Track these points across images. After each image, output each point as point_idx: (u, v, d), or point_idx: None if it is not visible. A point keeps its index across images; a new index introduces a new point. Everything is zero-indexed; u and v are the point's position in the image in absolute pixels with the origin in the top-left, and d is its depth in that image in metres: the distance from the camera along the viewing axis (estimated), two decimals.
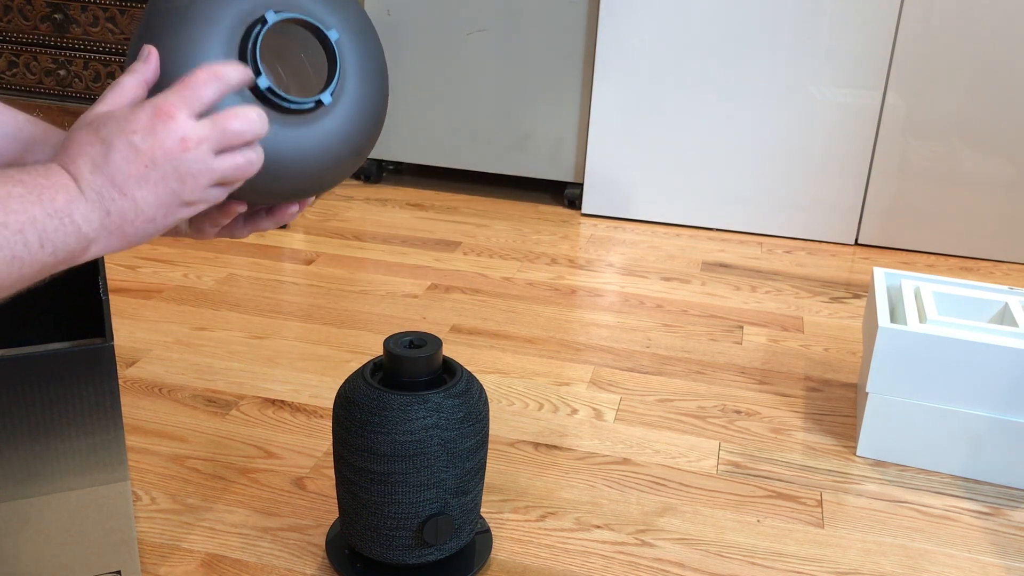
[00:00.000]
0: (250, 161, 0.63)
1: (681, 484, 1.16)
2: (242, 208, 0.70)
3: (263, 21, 0.67)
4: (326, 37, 0.70)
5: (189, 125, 0.60)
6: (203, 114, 0.62)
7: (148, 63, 0.64)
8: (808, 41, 1.98)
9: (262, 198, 0.71)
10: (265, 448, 1.19)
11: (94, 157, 0.59)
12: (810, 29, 1.97)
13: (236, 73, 0.63)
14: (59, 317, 0.99)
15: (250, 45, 0.67)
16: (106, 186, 0.58)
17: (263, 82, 0.66)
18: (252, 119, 0.62)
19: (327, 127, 0.70)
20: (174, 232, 0.70)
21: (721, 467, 1.20)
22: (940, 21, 1.91)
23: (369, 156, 2.35)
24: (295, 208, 0.71)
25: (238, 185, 0.65)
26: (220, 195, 0.64)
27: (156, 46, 0.66)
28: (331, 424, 1.13)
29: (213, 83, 0.62)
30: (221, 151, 0.62)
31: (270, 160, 0.67)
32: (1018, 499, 1.17)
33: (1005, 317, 1.27)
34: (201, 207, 0.63)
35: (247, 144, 0.63)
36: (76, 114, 2.43)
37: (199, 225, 0.71)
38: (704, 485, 1.16)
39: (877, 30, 1.94)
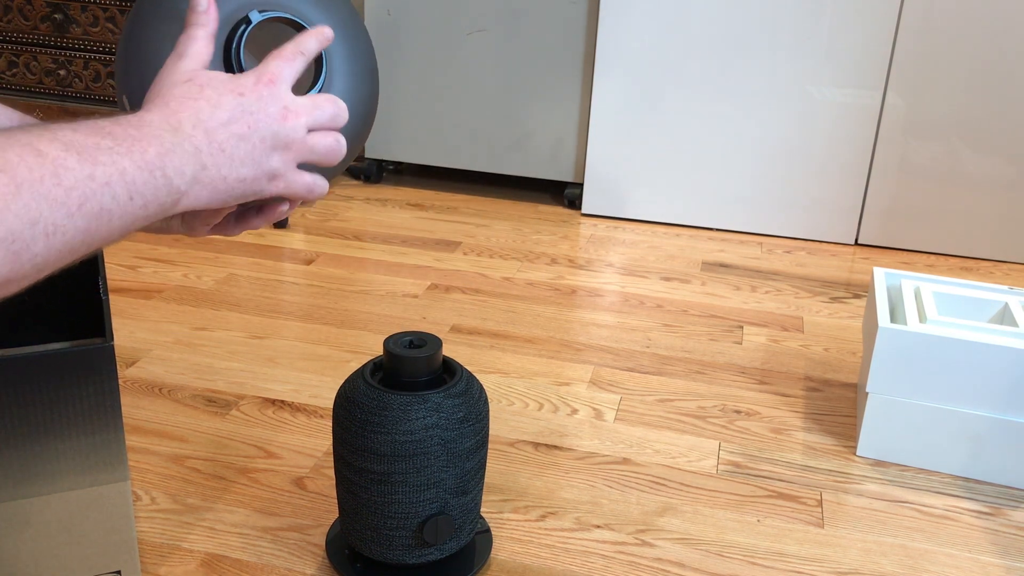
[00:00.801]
0: (339, 143, 0.65)
1: (681, 484, 1.16)
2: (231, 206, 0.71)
3: (247, 21, 0.67)
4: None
5: (290, 97, 0.63)
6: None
7: (209, 13, 0.65)
8: (808, 41, 1.98)
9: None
10: (265, 448, 1.19)
11: (198, 112, 0.59)
12: (810, 29, 1.97)
13: (313, 43, 0.65)
14: (59, 317, 0.99)
15: (234, 45, 0.67)
16: (205, 141, 0.59)
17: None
18: (343, 107, 0.65)
19: None
20: (166, 228, 0.70)
21: (721, 467, 1.20)
22: (940, 21, 1.91)
23: (369, 156, 2.35)
24: (285, 206, 0.72)
25: (322, 185, 0.67)
26: (302, 182, 0.65)
27: (143, 42, 0.66)
28: (331, 424, 1.13)
29: (299, 58, 0.64)
30: (312, 130, 0.64)
31: None
32: (1018, 499, 1.17)
33: (1005, 317, 1.27)
34: (282, 187, 0.64)
35: (335, 130, 0.65)
36: (76, 114, 2.43)
37: (191, 223, 0.71)
38: (704, 485, 1.16)
39: (877, 30, 1.94)
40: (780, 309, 1.72)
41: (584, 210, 2.20)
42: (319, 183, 0.67)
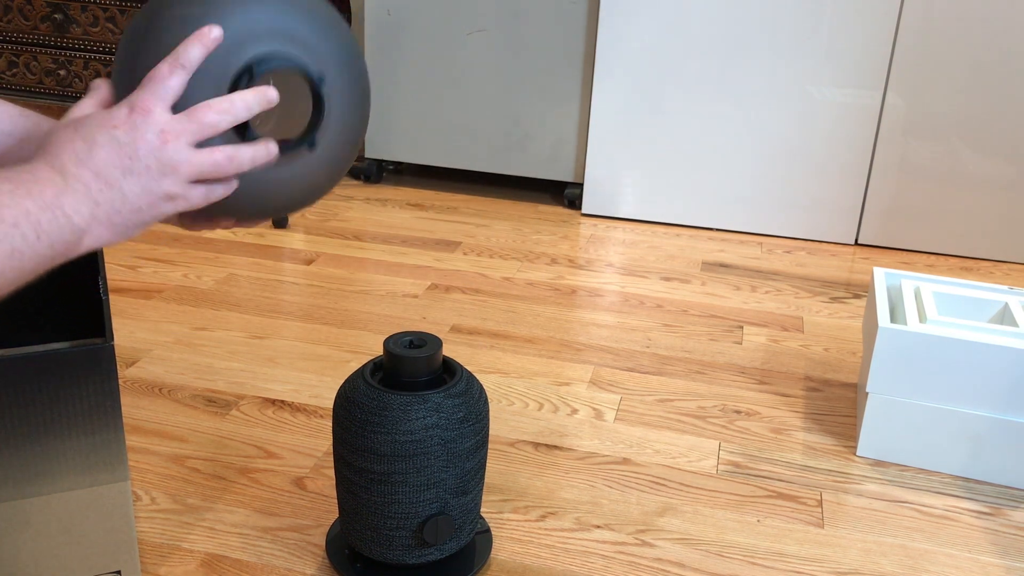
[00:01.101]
0: (229, 157, 0.64)
1: (681, 484, 1.16)
2: (230, 224, 0.72)
3: (249, 73, 0.66)
4: (313, 81, 0.69)
5: (165, 118, 0.62)
6: (178, 105, 0.63)
7: (101, 90, 0.66)
8: (808, 41, 1.98)
9: (248, 220, 0.72)
10: (265, 448, 1.19)
11: (78, 152, 0.60)
12: (810, 29, 1.97)
13: (195, 52, 0.63)
14: (59, 317, 0.99)
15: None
16: (92, 178, 0.60)
17: (252, 133, 0.66)
18: (225, 108, 0.63)
19: (312, 161, 0.71)
20: (165, 220, 0.70)
21: (721, 467, 1.20)
22: (940, 21, 1.91)
23: (369, 156, 2.35)
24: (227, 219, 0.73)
25: (220, 191, 0.66)
26: (201, 195, 0.65)
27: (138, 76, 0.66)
28: (331, 424, 1.13)
29: (178, 72, 0.63)
30: (199, 145, 0.63)
31: (257, 190, 0.68)
32: (1018, 499, 1.17)
33: (1005, 317, 1.27)
34: (182, 204, 0.64)
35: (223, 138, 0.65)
36: None
37: (185, 221, 0.72)
38: (704, 485, 1.16)
39: (877, 30, 1.94)
40: (780, 309, 1.72)
41: (584, 210, 2.20)
42: (214, 191, 0.66)
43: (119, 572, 0.87)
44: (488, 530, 1.03)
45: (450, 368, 0.93)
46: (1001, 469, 1.19)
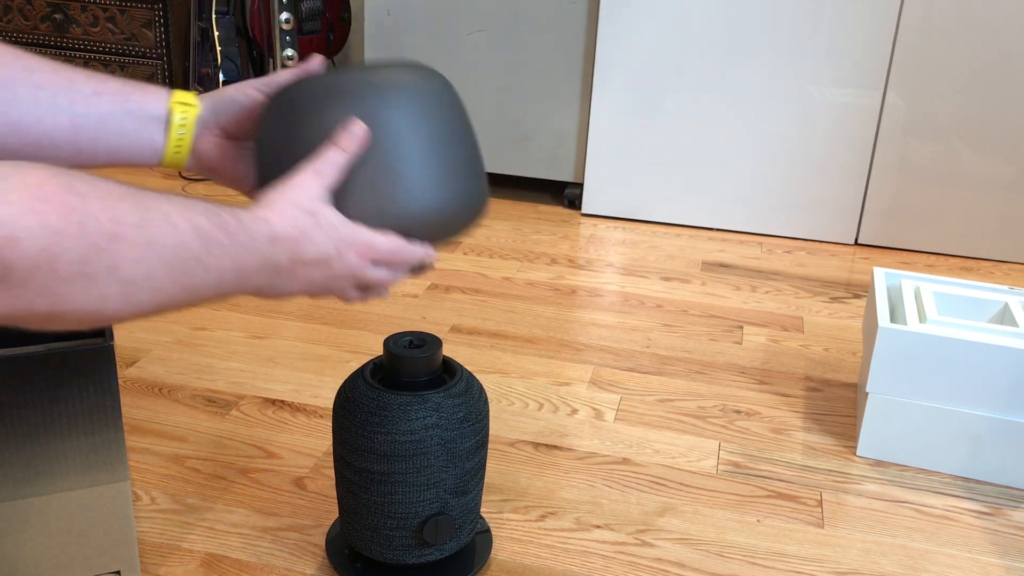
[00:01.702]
0: (393, 279, 0.77)
1: (681, 484, 1.16)
2: None
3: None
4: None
5: (369, 271, 0.74)
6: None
7: (360, 141, 0.73)
8: (808, 41, 1.98)
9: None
10: (265, 448, 1.19)
11: (298, 244, 0.69)
12: (810, 29, 1.97)
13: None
14: None
15: None
16: (287, 267, 0.69)
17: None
18: (406, 262, 0.76)
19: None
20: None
21: (721, 467, 1.20)
22: (940, 21, 1.91)
23: None
24: None
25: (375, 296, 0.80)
26: (358, 299, 0.77)
27: (289, 140, 0.75)
28: (331, 424, 1.13)
29: (411, 255, 0.76)
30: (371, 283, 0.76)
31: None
32: (1018, 499, 1.17)
33: (1005, 317, 1.27)
34: (325, 294, 0.76)
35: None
36: None
37: None
38: (704, 485, 1.16)
39: (877, 30, 1.94)
40: (780, 309, 1.72)
41: (584, 210, 2.20)
42: (370, 296, 0.78)
43: (119, 572, 0.87)
44: (488, 530, 1.03)
45: (450, 368, 0.93)
46: (1001, 469, 1.19)
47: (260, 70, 2.37)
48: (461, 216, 0.80)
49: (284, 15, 2.08)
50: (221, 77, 2.15)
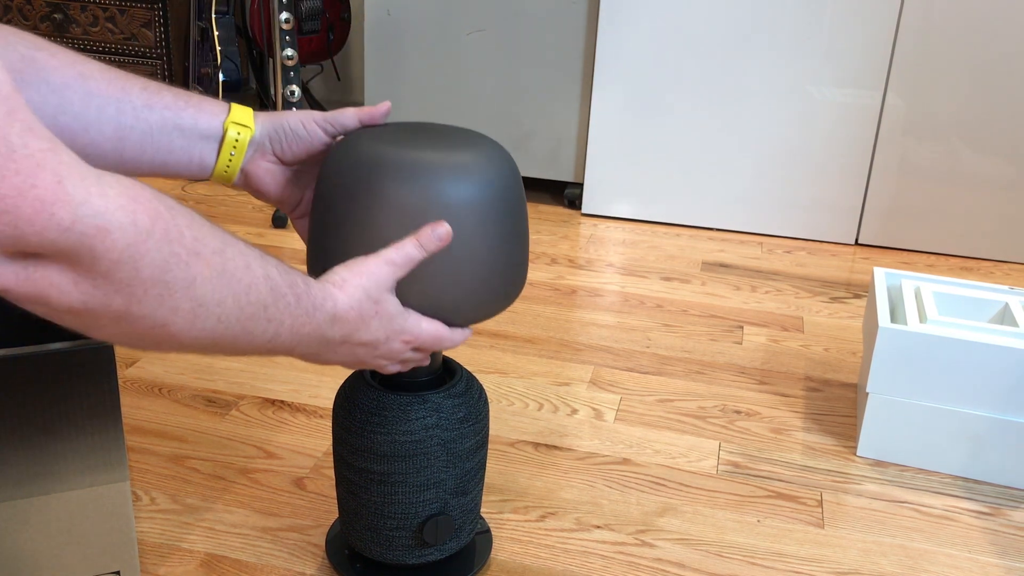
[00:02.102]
0: (422, 359, 0.83)
1: (681, 484, 1.16)
2: None
3: None
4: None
5: (409, 354, 0.80)
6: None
7: (442, 241, 0.76)
8: (808, 41, 1.98)
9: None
10: (265, 448, 1.19)
11: (356, 329, 0.73)
12: (810, 29, 1.97)
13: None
14: None
15: None
16: (338, 342, 0.72)
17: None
18: (438, 345, 0.81)
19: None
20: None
21: (721, 467, 1.20)
22: (940, 21, 1.91)
23: None
24: None
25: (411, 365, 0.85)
26: (395, 369, 0.81)
27: (362, 226, 0.77)
28: (331, 424, 1.13)
29: (450, 342, 0.81)
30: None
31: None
32: (1018, 499, 1.17)
33: (1005, 317, 1.27)
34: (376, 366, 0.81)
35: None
36: None
37: None
38: (704, 485, 1.16)
39: (877, 30, 1.94)
40: (780, 309, 1.72)
41: (584, 210, 2.20)
42: (407, 366, 0.83)
43: (118, 572, 0.87)
44: (488, 530, 1.03)
45: (450, 368, 0.93)
46: (1001, 469, 1.19)
47: (260, 70, 2.37)
48: (505, 303, 0.84)
49: (284, 15, 2.08)
50: (221, 77, 2.15)
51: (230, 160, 0.79)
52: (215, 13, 2.15)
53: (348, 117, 0.82)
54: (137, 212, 0.52)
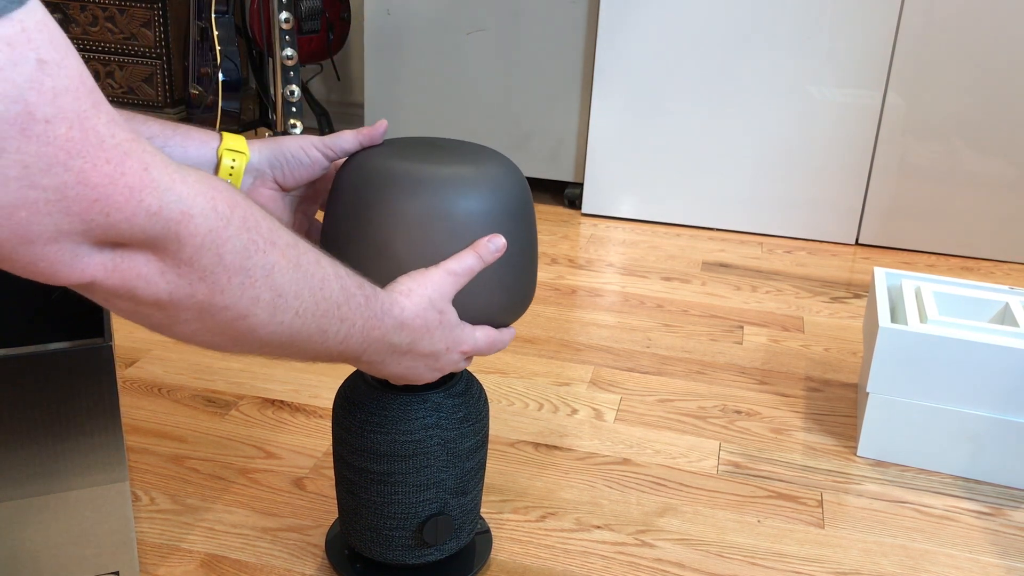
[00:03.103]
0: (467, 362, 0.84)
1: (681, 484, 1.16)
2: None
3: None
4: None
5: (463, 363, 0.81)
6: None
7: (498, 252, 0.79)
8: (808, 41, 1.98)
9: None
10: (265, 448, 1.19)
11: (419, 339, 0.74)
12: (810, 29, 1.97)
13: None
14: (59, 317, 0.99)
15: None
16: (404, 350, 0.74)
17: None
18: (490, 350, 0.83)
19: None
20: None
21: (721, 467, 1.20)
22: (941, 21, 1.91)
23: None
24: None
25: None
26: (438, 375, 0.81)
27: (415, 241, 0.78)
28: (331, 424, 1.13)
29: (503, 343, 0.83)
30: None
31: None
32: (1018, 499, 1.17)
33: (1006, 317, 1.27)
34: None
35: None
36: None
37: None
38: (704, 485, 1.16)
39: (877, 30, 1.94)
40: (780, 309, 1.71)
41: (584, 210, 2.20)
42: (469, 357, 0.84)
43: (118, 572, 0.87)
44: (488, 530, 1.03)
45: None
46: (1001, 469, 1.19)
47: (260, 70, 2.36)
48: (521, 309, 0.87)
49: (284, 14, 2.08)
50: (220, 76, 2.15)
51: None
52: (215, 13, 2.15)
53: (347, 140, 0.83)
54: (217, 199, 0.53)
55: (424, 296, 0.74)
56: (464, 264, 0.76)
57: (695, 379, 1.43)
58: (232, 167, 0.79)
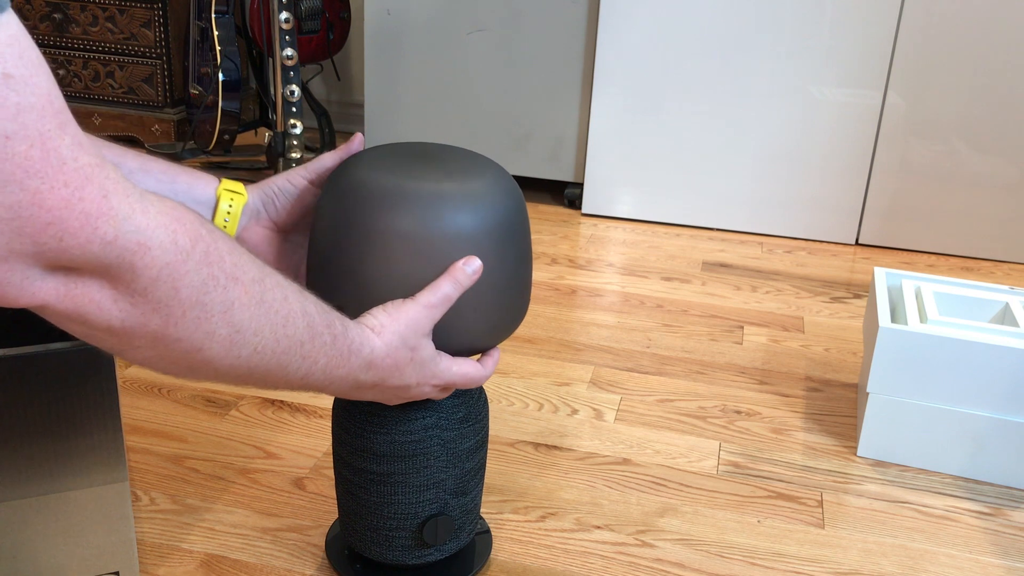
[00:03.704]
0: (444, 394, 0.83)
1: (681, 484, 1.16)
2: None
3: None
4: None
5: (442, 397, 0.83)
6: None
7: (473, 278, 0.77)
8: (809, 41, 1.98)
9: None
10: (265, 448, 1.19)
11: (389, 377, 0.73)
12: (811, 29, 1.97)
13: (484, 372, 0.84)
14: None
15: None
16: (368, 386, 0.73)
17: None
18: (470, 383, 0.82)
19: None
20: None
21: (721, 467, 1.20)
22: (941, 21, 1.91)
23: None
24: None
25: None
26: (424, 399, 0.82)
27: (383, 267, 0.76)
28: (331, 424, 1.13)
29: (481, 380, 0.82)
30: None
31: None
32: (1019, 499, 1.17)
33: (1006, 317, 1.27)
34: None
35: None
36: (76, 113, 2.42)
37: None
38: (704, 485, 1.16)
39: (878, 30, 1.94)
40: (780, 309, 1.71)
41: (584, 210, 2.20)
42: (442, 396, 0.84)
43: (118, 573, 0.87)
44: (488, 531, 1.03)
45: None
46: (1002, 469, 1.19)
47: (260, 70, 2.36)
48: (513, 327, 0.84)
49: (284, 14, 2.08)
50: (220, 76, 2.15)
51: (224, 228, 0.79)
52: (215, 13, 2.15)
53: (327, 160, 0.83)
54: (178, 232, 0.52)
55: (396, 333, 0.72)
56: (440, 294, 0.74)
57: (695, 379, 1.43)
58: (230, 206, 0.79)
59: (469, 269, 0.75)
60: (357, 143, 0.83)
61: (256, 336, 0.59)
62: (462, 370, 0.79)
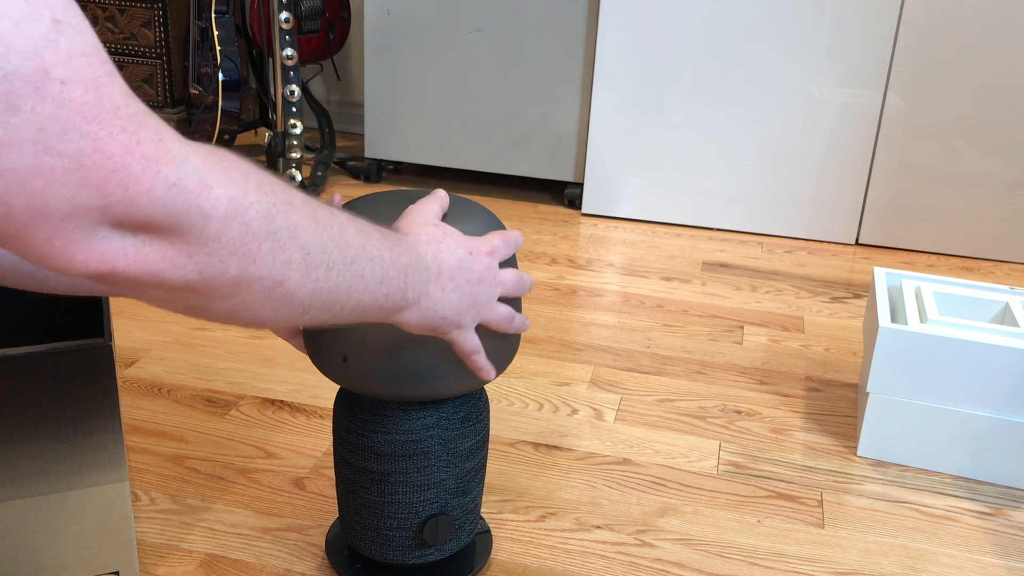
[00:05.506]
0: (511, 316, 0.81)
1: (681, 484, 1.16)
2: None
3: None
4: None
5: (498, 269, 0.79)
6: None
7: (518, 243, 0.82)
8: (809, 41, 1.98)
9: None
10: (265, 448, 1.19)
11: (439, 252, 0.72)
12: (811, 29, 1.97)
13: (510, 250, 0.82)
14: (59, 317, 0.99)
15: None
16: (436, 276, 0.72)
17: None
18: (528, 282, 0.83)
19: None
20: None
21: (721, 467, 1.20)
22: (941, 21, 1.91)
23: (369, 156, 2.35)
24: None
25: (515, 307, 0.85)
26: (470, 342, 0.78)
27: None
28: (331, 424, 1.13)
29: (509, 249, 0.81)
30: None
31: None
32: (1019, 499, 1.17)
33: (1006, 317, 1.27)
34: (459, 337, 0.77)
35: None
36: None
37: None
38: (704, 485, 1.16)
39: (878, 30, 1.94)
40: (780, 309, 1.71)
41: (584, 210, 2.20)
42: (477, 347, 0.80)
43: (118, 572, 0.87)
44: (488, 530, 1.03)
45: None
46: (1002, 469, 1.19)
47: (260, 69, 2.36)
48: (509, 360, 0.92)
49: (284, 14, 2.08)
50: (220, 76, 2.15)
51: None
52: (215, 13, 2.15)
53: None
54: (229, 170, 0.51)
55: (415, 220, 0.75)
56: (437, 197, 0.79)
57: (695, 379, 1.43)
58: None
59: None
60: (336, 205, 0.83)
61: (324, 253, 0.58)
62: (495, 235, 0.81)
